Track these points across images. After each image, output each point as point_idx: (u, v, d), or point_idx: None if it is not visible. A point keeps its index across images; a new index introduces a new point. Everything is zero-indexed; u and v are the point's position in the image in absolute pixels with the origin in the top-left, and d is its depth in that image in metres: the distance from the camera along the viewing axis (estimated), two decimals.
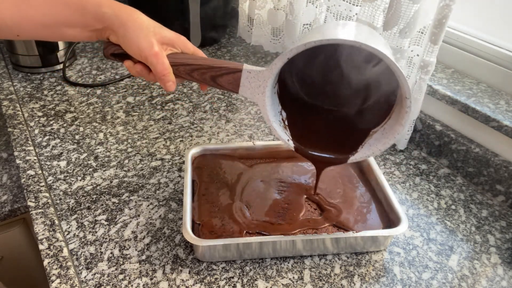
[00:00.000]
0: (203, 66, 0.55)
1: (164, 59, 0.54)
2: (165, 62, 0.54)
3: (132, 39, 0.53)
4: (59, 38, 0.59)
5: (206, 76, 0.55)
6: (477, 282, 0.54)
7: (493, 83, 0.74)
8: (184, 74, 0.56)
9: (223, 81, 0.55)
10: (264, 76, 0.53)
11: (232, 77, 0.54)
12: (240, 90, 0.55)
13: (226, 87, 0.55)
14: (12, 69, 0.98)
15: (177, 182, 0.67)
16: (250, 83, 0.54)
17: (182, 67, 0.56)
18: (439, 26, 0.61)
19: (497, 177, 0.67)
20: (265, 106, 0.54)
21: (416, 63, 0.70)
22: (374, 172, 0.63)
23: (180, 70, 0.56)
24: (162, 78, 0.54)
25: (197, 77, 0.56)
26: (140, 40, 0.53)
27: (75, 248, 0.56)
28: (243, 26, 1.09)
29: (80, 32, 0.56)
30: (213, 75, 0.55)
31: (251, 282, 0.53)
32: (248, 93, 0.55)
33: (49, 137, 0.76)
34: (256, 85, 0.54)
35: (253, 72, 0.53)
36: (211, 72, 0.55)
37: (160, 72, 0.54)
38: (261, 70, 0.53)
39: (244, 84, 0.54)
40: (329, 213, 0.58)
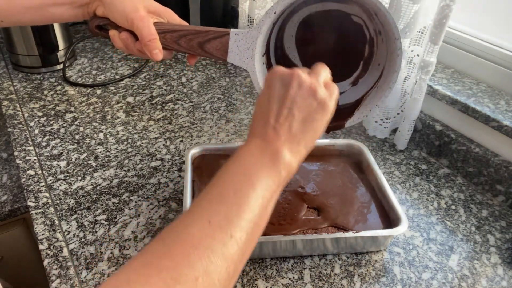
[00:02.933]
0: (190, 31, 0.54)
1: (150, 23, 0.53)
2: (151, 27, 0.53)
3: (119, 5, 0.53)
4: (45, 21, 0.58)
5: (193, 43, 0.54)
6: (477, 282, 0.54)
7: (493, 83, 0.74)
8: (171, 43, 0.55)
9: (211, 47, 0.54)
10: (252, 36, 0.52)
11: (220, 42, 0.53)
12: (229, 57, 0.54)
13: (214, 54, 0.54)
14: (12, 69, 0.98)
15: (177, 182, 0.67)
16: (239, 47, 0.53)
17: (169, 34, 0.54)
18: (439, 26, 0.61)
19: (497, 177, 0.67)
20: (255, 72, 0.53)
21: (416, 63, 0.70)
22: (374, 172, 0.63)
23: (166, 37, 0.55)
24: (148, 44, 0.53)
25: (184, 45, 0.55)
26: (127, 5, 0.52)
27: (75, 248, 0.56)
28: (243, 26, 1.09)
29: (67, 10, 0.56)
30: (201, 41, 0.54)
31: (251, 282, 0.53)
32: (237, 58, 0.54)
33: (49, 137, 0.76)
34: (245, 48, 0.53)
35: (241, 34, 0.52)
36: (198, 38, 0.54)
37: (146, 37, 0.53)
38: (249, 30, 0.52)
39: (233, 49, 0.53)
40: (329, 213, 0.58)
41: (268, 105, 0.43)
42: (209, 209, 0.36)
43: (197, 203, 0.37)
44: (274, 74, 0.44)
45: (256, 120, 0.43)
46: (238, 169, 0.39)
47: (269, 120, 0.42)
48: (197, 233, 0.34)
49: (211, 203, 0.37)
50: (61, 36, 0.96)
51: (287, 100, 0.42)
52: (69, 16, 0.57)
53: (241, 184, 0.38)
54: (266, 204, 0.38)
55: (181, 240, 0.33)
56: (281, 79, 0.43)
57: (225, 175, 0.39)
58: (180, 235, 0.34)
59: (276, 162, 0.40)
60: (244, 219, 0.36)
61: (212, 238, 0.33)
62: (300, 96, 0.42)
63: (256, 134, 0.42)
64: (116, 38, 0.56)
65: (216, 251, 0.33)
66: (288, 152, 0.41)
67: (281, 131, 0.41)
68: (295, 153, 0.42)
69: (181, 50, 0.55)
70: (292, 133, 0.42)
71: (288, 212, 0.58)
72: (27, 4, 0.54)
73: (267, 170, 0.39)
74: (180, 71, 1.00)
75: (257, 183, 0.38)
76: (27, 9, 0.55)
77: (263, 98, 0.44)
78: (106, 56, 1.05)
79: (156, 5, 0.56)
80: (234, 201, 0.36)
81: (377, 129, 0.78)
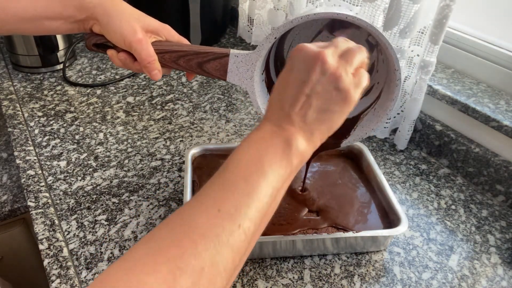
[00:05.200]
0: (189, 52, 0.54)
1: (148, 45, 0.52)
2: (150, 49, 0.53)
3: (115, 26, 0.52)
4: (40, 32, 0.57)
5: (192, 63, 0.54)
6: (477, 282, 0.54)
7: (493, 83, 0.74)
8: (169, 62, 0.55)
9: (210, 67, 0.54)
10: (252, 59, 0.51)
11: (219, 63, 0.53)
12: (228, 77, 0.54)
13: (213, 74, 0.54)
14: (12, 69, 0.98)
15: (177, 182, 0.67)
16: (238, 68, 0.53)
17: (167, 55, 0.54)
18: (439, 26, 0.61)
19: (497, 177, 0.67)
20: (255, 92, 0.53)
21: (416, 63, 0.70)
22: (374, 172, 0.63)
23: (165, 58, 0.54)
24: (147, 66, 0.53)
25: (183, 65, 0.54)
26: (124, 27, 0.52)
27: (75, 248, 0.56)
28: (243, 26, 1.09)
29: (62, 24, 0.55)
30: (200, 61, 0.53)
31: (251, 282, 0.53)
32: (236, 79, 0.53)
33: (49, 137, 0.76)
34: (244, 70, 0.52)
35: (240, 56, 0.52)
36: (197, 59, 0.53)
37: (145, 59, 0.52)
38: (248, 53, 0.52)
39: (232, 69, 0.53)
40: (329, 213, 0.58)
41: (286, 89, 0.41)
42: (219, 197, 0.35)
43: (207, 189, 0.36)
44: (299, 52, 0.40)
45: (272, 104, 0.42)
46: (249, 155, 0.38)
47: (285, 105, 0.40)
48: (206, 222, 0.33)
49: (222, 190, 0.36)
50: (61, 36, 0.96)
51: (307, 87, 0.39)
52: (66, 30, 0.56)
53: (252, 172, 0.37)
54: (275, 194, 0.38)
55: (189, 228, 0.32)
56: (304, 60, 0.40)
57: (237, 161, 0.38)
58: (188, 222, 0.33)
59: (289, 150, 0.39)
60: (253, 209, 0.35)
61: (221, 227, 0.33)
62: (321, 83, 0.39)
63: (270, 119, 0.41)
64: (115, 58, 0.55)
65: (223, 241, 0.32)
66: (301, 141, 0.39)
67: (296, 119, 0.39)
68: (309, 141, 0.40)
69: (180, 68, 0.55)
70: (308, 122, 0.40)
71: (288, 212, 0.58)
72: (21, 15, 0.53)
73: (279, 159, 0.38)
74: (180, 71, 1.00)
75: (269, 171, 0.37)
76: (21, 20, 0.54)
77: (282, 80, 0.41)
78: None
79: (153, 24, 0.55)
80: (244, 190, 0.35)
81: (377, 129, 0.78)
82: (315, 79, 0.39)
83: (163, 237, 0.32)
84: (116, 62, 0.56)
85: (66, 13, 0.54)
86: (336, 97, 0.40)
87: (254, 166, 0.37)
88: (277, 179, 0.37)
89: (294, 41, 0.61)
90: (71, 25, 0.56)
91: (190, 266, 0.30)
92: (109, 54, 0.56)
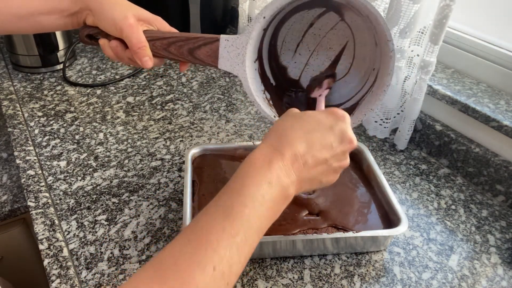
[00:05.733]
0: (180, 38, 0.54)
1: (139, 31, 0.53)
2: (141, 35, 0.53)
3: (108, 13, 0.53)
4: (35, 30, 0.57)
5: (183, 50, 0.54)
6: (477, 282, 0.54)
7: (493, 83, 0.74)
8: (161, 50, 0.55)
9: (201, 54, 0.53)
10: (242, 41, 0.51)
11: (210, 48, 0.53)
12: (220, 63, 0.53)
13: (205, 61, 0.54)
14: (12, 69, 0.98)
15: (177, 182, 0.67)
16: (229, 53, 0.52)
17: (158, 42, 0.54)
18: (439, 26, 0.61)
19: (497, 177, 0.67)
20: (247, 78, 0.53)
21: (416, 63, 0.70)
22: (374, 172, 0.63)
23: (156, 45, 0.54)
24: (137, 52, 0.53)
25: (174, 52, 0.54)
26: (116, 13, 0.52)
27: (75, 248, 0.56)
28: (243, 26, 1.09)
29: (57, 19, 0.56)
30: (191, 47, 0.53)
31: (251, 282, 0.53)
32: (227, 64, 0.53)
33: (49, 137, 0.76)
34: (235, 54, 0.52)
35: (230, 40, 0.52)
36: (188, 45, 0.53)
37: (135, 45, 0.53)
38: (238, 36, 0.52)
39: (223, 55, 0.53)
40: (329, 213, 0.58)
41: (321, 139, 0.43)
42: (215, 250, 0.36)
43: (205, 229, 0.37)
44: (344, 121, 0.45)
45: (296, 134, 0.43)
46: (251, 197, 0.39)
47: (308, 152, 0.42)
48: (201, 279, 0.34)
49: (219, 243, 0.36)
50: (61, 36, 0.96)
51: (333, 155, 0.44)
52: (59, 26, 0.57)
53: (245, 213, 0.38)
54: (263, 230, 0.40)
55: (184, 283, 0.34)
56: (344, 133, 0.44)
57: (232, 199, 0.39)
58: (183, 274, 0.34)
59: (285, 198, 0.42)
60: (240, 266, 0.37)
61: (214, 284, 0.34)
62: (337, 161, 0.44)
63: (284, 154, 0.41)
64: (106, 47, 0.56)
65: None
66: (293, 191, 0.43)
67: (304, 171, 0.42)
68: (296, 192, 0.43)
69: (171, 57, 0.55)
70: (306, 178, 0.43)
71: (288, 212, 0.58)
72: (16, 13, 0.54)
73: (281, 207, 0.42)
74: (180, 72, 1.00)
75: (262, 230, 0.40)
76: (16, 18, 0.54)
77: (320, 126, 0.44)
78: (106, 56, 1.05)
79: (145, 13, 0.55)
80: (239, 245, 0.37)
81: (377, 129, 0.78)
82: (340, 154, 0.44)
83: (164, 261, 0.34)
84: (107, 52, 0.56)
85: (60, 7, 0.54)
86: (331, 175, 0.45)
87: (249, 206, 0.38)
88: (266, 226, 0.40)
89: (287, 36, 0.61)
90: (66, 19, 0.56)
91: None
92: (100, 43, 0.56)
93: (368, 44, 0.58)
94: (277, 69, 0.63)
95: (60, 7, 0.55)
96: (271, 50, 0.61)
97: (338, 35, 0.60)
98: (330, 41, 0.61)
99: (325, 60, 0.63)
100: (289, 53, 0.63)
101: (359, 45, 0.60)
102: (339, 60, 0.62)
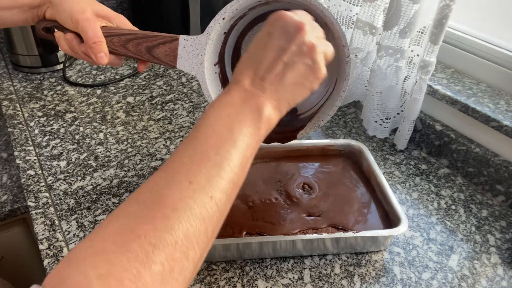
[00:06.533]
0: (138, 35, 0.53)
1: (96, 26, 0.52)
2: (97, 30, 0.52)
3: (66, 5, 0.52)
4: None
5: (141, 48, 0.53)
6: (477, 282, 0.54)
7: (493, 83, 0.74)
8: (118, 47, 0.54)
9: (159, 52, 0.53)
10: (201, 41, 0.51)
11: (169, 47, 0.52)
12: (178, 63, 0.52)
13: (163, 60, 0.53)
14: (12, 69, 0.98)
15: None
16: (188, 53, 0.52)
17: (116, 38, 0.53)
18: (439, 26, 0.61)
19: (497, 177, 0.67)
20: (205, 80, 0.52)
21: (416, 63, 0.70)
22: (374, 172, 0.63)
23: (114, 41, 0.53)
24: (92, 46, 0.52)
25: (132, 49, 0.53)
26: (74, 6, 0.52)
27: None
28: None
29: (17, 14, 0.55)
30: (149, 45, 0.53)
31: (251, 282, 0.53)
32: (186, 65, 0.52)
33: (49, 137, 0.76)
34: (194, 54, 0.52)
35: (190, 40, 0.51)
36: (146, 43, 0.53)
37: (91, 39, 0.52)
38: (198, 36, 0.51)
39: (182, 55, 0.52)
40: (329, 213, 0.58)
41: (263, 53, 0.40)
42: (190, 168, 0.34)
43: (177, 160, 0.35)
44: (280, 18, 0.40)
45: (244, 66, 0.41)
46: (220, 123, 0.37)
47: (259, 70, 0.40)
48: (177, 195, 0.32)
49: (192, 161, 0.35)
50: None
51: (285, 54, 0.40)
52: (19, 20, 0.56)
53: (223, 140, 0.36)
54: (245, 163, 0.37)
55: (160, 201, 0.32)
56: (285, 27, 0.40)
57: (207, 128, 0.37)
58: (159, 195, 0.32)
59: (258, 118, 0.39)
60: (225, 180, 0.35)
61: (193, 199, 0.32)
62: (299, 55, 0.40)
63: (240, 82, 0.40)
64: (61, 40, 0.55)
65: (196, 214, 0.32)
66: (270, 109, 0.39)
67: (268, 86, 0.40)
68: (276, 110, 0.40)
69: (129, 54, 0.54)
70: (279, 91, 0.40)
71: (288, 212, 0.58)
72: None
73: (249, 126, 0.38)
74: (180, 71, 1.00)
75: (239, 140, 0.37)
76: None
77: (258, 43, 0.41)
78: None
79: (106, 10, 0.55)
80: (215, 160, 0.35)
81: (377, 129, 0.78)
82: (294, 48, 0.40)
83: (133, 212, 0.31)
84: (62, 46, 0.55)
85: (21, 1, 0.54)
86: (309, 71, 0.41)
87: (225, 135, 0.37)
88: (247, 148, 0.37)
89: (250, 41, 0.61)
90: (25, 14, 0.56)
91: (163, 241, 0.29)
92: (56, 36, 0.55)
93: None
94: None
95: (20, 1, 0.54)
96: (234, 55, 0.61)
97: None
98: None
99: None
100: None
101: None
102: None
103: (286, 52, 0.40)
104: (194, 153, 0.35)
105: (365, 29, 0.73)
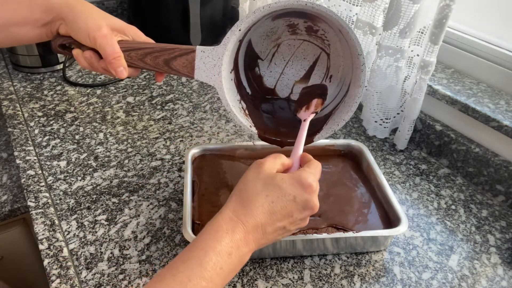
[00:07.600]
0: (155, 49, 0.53)
1: (114, 41, 0.52)
2: (115, 45, 0.52)
3: (81, 23, 0.52)
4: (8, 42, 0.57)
5: (159, 61, 0.54)
6: (477, 282, 0.54)
7: (493, 83, 0.74)
8: (136, 61, 0.54)
9: (177, 64, 0.53)
10: (218, 53, 0.51)
11: (186, 59, 0.53)
12: (196, 74, 0.53)
13: (181, 72, 0.54)
14: (12, 69, 0.98)
15: (177, 182, 0.67)
16: (205, 64, 0.53)
17: (133, 52, 0.54)
18: (439, 26, 0.61)
19: (497, 177, 0.67)
20: (223, 89, 0.53)
21: (416, 63, 0.70)
22: (374, 172, 0.63)
23: (132, 56, 0.54)
24: (112, 62, 0.52)
25: (150, 63, 0.54)
26: (89, 23, 0.52)
27: (75, 248, 0.56)
28: None
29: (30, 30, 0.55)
30: (167, 58, 0.53)
31: (251, 282, 0.53)
32: (204, 75, 0.53)
33: (49, 137, 0.76)
34: (211, 65, 0.52)
35: (207, 51, 0.52)
36: (164, 56, 0.53)
37: (110, 55, 0.52)
38: (214, 47, 0.52)
39: (199, 66, 0.53)
40: (329, 213, 0.58)
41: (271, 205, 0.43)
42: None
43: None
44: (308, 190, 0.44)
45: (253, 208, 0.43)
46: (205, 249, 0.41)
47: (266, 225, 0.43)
48: None
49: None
50: None
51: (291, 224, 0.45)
52: (33, 37, 0.56)
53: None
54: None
55: None
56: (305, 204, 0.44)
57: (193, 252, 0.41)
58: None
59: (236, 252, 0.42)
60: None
61: None
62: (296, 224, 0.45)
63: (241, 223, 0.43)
64: (80, 57, 0.55)
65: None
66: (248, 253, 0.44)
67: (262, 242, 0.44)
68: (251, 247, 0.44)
69: (147, 67, 0.55)
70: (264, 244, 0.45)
71: None
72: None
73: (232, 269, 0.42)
74: None
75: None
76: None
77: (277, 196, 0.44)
78: None
79: (119, 23, 0.55)
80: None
81: (377, 129, 0.78)
82: (299, 219, 0.45)
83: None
84: (81, 63, 0.55)
85: (33, 17, 0.54)
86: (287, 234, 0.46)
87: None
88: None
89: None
90: (39, 30, 0.56)
91: None
92: (74, 53, 0.55)
93: (341, 56, 0.59)
94: (253, 78, 0.63)
95: (33, 17, 0.54)
96: (246, 59, 0.61)
97: (312, 46, 0.61)
98: (305, 51, 0.62)
99: (300, 69, 0.63)
100: (265, 62, 0.63)
101: (333, 56, 0.60)
102: (314, 70, 0.63)
103: (294, 220, 0.45)
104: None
105: (365, 29, 0.73)
